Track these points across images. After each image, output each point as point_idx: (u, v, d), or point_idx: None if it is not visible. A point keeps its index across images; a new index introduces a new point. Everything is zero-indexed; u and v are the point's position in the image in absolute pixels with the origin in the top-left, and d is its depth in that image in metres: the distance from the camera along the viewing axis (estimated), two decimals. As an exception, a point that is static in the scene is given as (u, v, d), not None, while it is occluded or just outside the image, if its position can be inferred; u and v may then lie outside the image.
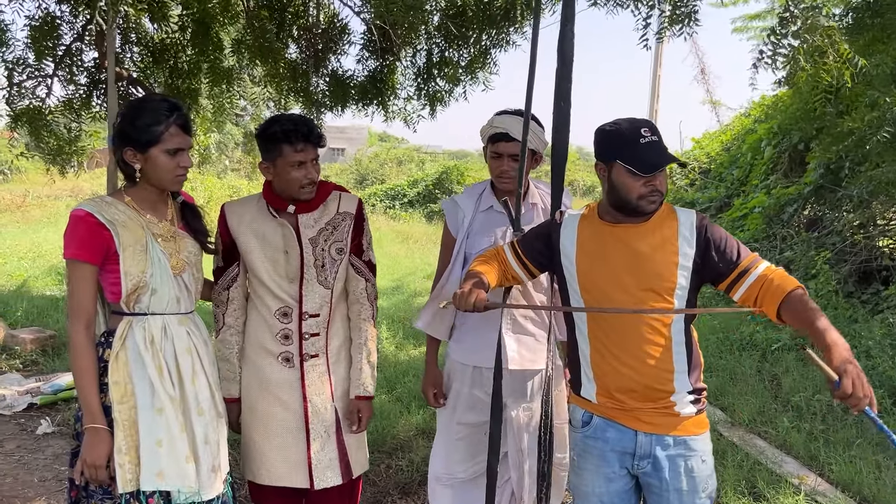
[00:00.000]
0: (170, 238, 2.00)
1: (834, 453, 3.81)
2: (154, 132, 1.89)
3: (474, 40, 5.49)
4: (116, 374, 1.88)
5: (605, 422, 1.99)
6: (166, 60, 5.61)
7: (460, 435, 2.51)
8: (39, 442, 3.97)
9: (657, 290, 1.89)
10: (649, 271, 1.89)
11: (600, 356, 1.96)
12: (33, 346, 5.39)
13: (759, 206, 8.68)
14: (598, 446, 2.00)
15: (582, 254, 1.98)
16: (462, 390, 2.50)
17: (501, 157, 2.36)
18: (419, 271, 10.27)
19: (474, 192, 2.53)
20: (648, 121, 1.95)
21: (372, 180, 23.87)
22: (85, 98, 5.41)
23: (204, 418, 1.98)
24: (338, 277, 2.28)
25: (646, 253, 1.90)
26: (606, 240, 1.95)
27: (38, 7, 4.93)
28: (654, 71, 19.44)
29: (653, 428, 1.93)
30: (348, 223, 2.29)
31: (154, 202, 2.02)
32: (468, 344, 2.49)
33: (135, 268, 1.89)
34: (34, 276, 8.37)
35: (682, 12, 3.74)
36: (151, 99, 1.99)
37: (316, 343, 2.26)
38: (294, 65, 5.74)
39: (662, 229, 1.92)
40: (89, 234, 1.86)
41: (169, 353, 1.95)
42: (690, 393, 1.94)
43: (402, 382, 4.90)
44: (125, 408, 1.88)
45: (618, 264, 1.92)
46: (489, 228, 2.44)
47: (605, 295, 1.93)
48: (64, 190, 16.60)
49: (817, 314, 1.71)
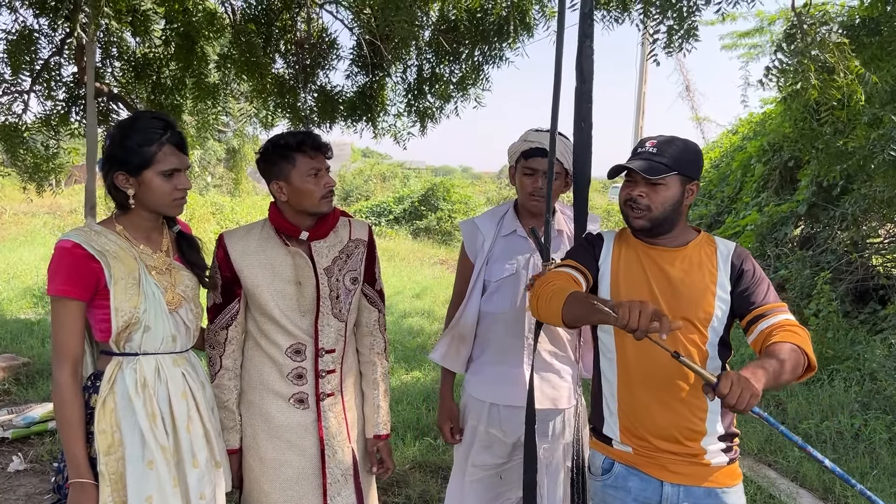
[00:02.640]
0: (165, 270, 1.82)
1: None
2: (146, 153, 1.72)
3: (466, 56, 5.38)
4: (103, 422, 1.69)
5: (627, 469, 1.82)
6: (149, 75, 5.43)
7: (475, 477, 2.33)
8: (11, 480, 3.71)
9: (692, 319, 1.75)
10: (685, 298, 1.76)
11: (627, 388, 1.80)
12: (5, 375, 5.12)
13: (752, 224, 8.62)
14: (620, 497, 1.83)
15: (616, 272, 1.85)
16: (478, 427, 2.32)
17: (536, 173, 2.19)
18: (407, 290, 10.09)
19: (496, 214, 2.36)
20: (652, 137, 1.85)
21: (356, 196, 23.72)
22: (63, 114, 5.21)
23: (199, 470, 1.79)
24: (351, 309, 2.12)
25: (682, 279, 1.78)
26: (643, 261, 1.83)
27: (15, 20, 4.75)
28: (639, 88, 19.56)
29: (681, 478, 1.77)
30: (362, 251, 2.14)
31: (148, 231, 1.83)
32: (485, 378, 2.31)
33: (126, 303, 1.71)
34: (8, 298, 8.06)
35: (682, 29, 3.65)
36: (141, 117, 1.79)
37: (332, 381, 2.08)
38: (281, 80, 5.60)
39: (700, 256, 1.81)
40: (76, 267, 1.68)
41: (162, 397, 1.76)
42: (722, 439, 1.79)
43: (395, 411, 4.70)
44: (112, 459, 1.69)
45: (653, 288, 1.79)
46: (511, 255, 2.26)
47: None
48: (41, 207, 16.23)
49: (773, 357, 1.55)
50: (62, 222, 15.35)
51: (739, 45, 9.75)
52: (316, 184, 1.95)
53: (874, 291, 6.83)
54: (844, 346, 5.56)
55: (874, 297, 6.79)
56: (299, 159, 1.93)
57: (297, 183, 1.94)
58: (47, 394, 4.81)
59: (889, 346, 5.52)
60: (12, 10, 4.76)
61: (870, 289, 6.87)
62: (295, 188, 1.95)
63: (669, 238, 1.82)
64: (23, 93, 5.13)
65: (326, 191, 1.97)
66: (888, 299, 6.48)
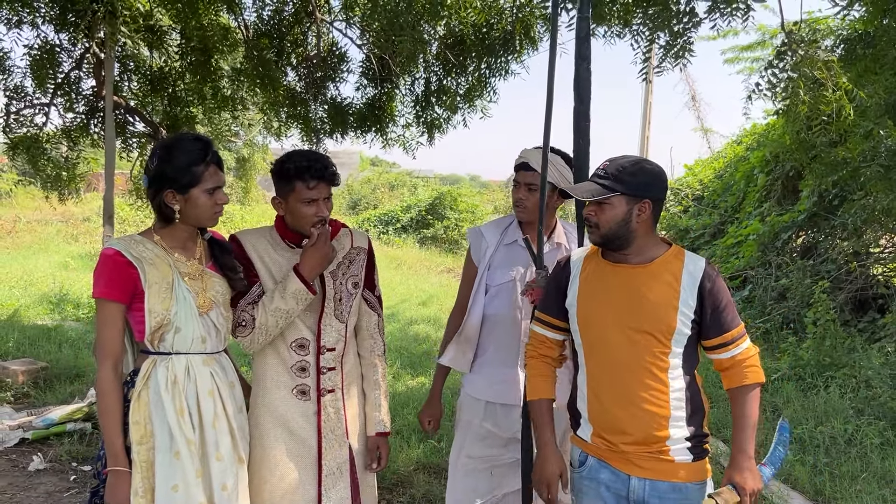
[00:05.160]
0: (197, 276, 1.97)
1: (839, 487, 3.77)
2: (195, 173, 1.89)
3: (473, 69, 5.53)
4: (137, 413, 1.86)
5: (598, 463, 1.95)
6: (164, 88, 5.62)
7: (468, 468, 2.46)
8: (32, 479, 3.86)
9: (654, 332, 1.85)
10: (648, 313, 1.86)
11: (595, 396, 1.93)
12: (25, 379, 5.28)
13: (754, 234, 8.72)
14: (593, 487, 1.96)
15: (583, 290, 1.97)
16: (473, 421, 2.46)
17: (519, 185, 2.38)
18: (413, 298, 10.22)
19: (500, 224, 2.53)
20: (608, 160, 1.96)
21: (364, 205, 23.87)
22: (82, 126, 5.40)
23: (222, 464, 1.94)
24: (352, 312, 2.26)
25: (645, 294, 1.87)
26: (608, 278, 1.93)
27: (37, 36, 4.94)
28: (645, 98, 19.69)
29: (646, 472, 1.88)
30: (363, 258, 2.30)
31: (184, 241, 2.00)
32: (483, 377, 2.46)
33: (159, 305, 1.88)
34: (26, 304, 8.24)
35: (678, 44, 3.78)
36: (185, 138, 1.96)
37: (332, 378, 2.22)
38: (293, 92, 5.77)
39: (665, 273, 1.88)
40: (116, 272, 1.85)
41: (191, 394, 1.92)
42: (689, 440, 1.89)
43: (402, 415, 4.83)
44: (144, 449, 1.85)
45: (617, 303, 1.89)
46: (510, 263, 2.42)
47: (602, 333, 1.91)
48: (55, 216, 16.49)
49: (744, 420, 1.87)
50: (75, 230, 15.58)
51: (741, 59, 9.86)
52: (309, 211, 2.08)
53: (874, 300, 6.92)
54: (841, 353, 5.66)
55: (874, 306, 6.87)
56: (298, 186, 2.06)
57: (293, 207, 2.10)
58: (65, 396, 4.96)
59: (886, 354, 5.61)
60: (34, 26, 4.96)
61: (869, 298, 6.96)
62: (290, 210, 2.11)
63: (632, 254, 1.91)
64: (44, 105, 5.33)
65: (317, 219, 2.09)
66: (887, 308, 6.56)
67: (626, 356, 1.87)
